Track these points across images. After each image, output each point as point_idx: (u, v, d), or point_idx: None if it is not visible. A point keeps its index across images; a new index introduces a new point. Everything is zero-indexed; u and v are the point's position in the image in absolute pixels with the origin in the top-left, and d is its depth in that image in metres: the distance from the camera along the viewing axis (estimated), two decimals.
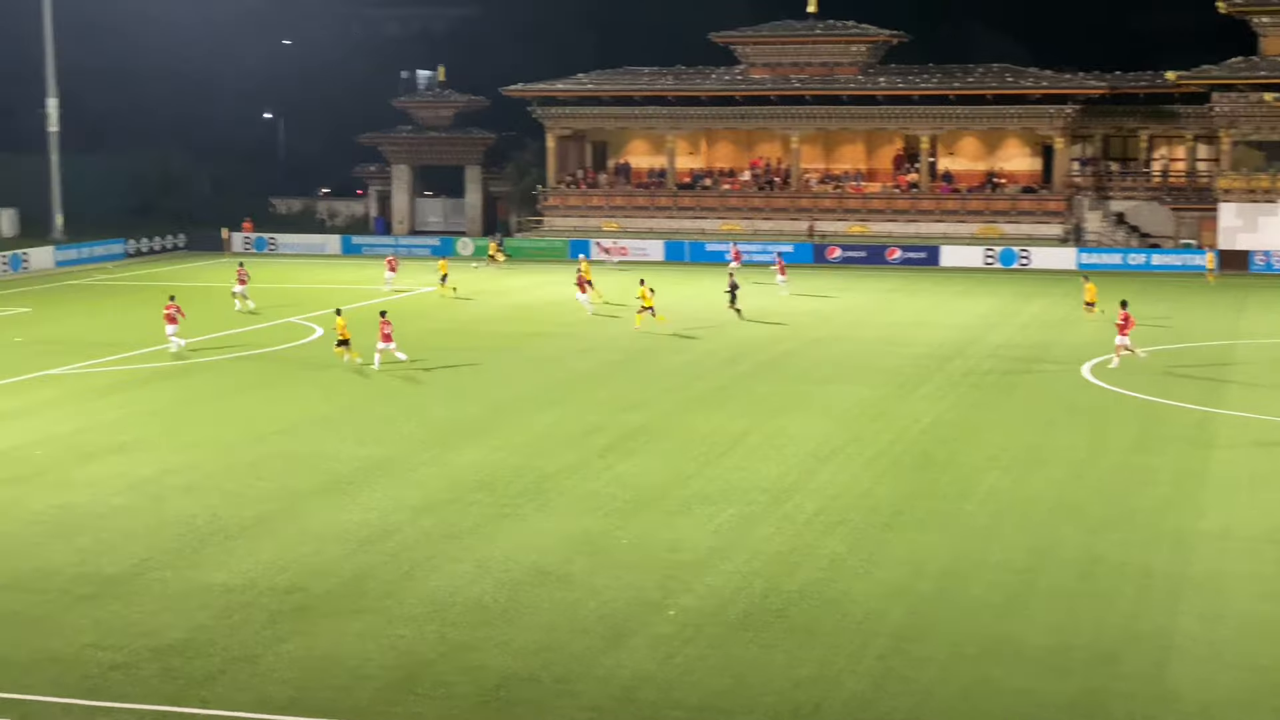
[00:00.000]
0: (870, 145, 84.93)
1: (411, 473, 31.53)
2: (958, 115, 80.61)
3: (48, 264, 75.85)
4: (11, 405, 39.03)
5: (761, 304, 59.89)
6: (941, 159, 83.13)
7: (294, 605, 23.10)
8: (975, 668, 20.52)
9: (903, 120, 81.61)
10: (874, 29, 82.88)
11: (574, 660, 20.89)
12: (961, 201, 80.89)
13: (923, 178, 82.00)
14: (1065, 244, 77.66)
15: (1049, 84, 78.86)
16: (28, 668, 20.60)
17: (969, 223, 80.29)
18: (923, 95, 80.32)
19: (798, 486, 30.31)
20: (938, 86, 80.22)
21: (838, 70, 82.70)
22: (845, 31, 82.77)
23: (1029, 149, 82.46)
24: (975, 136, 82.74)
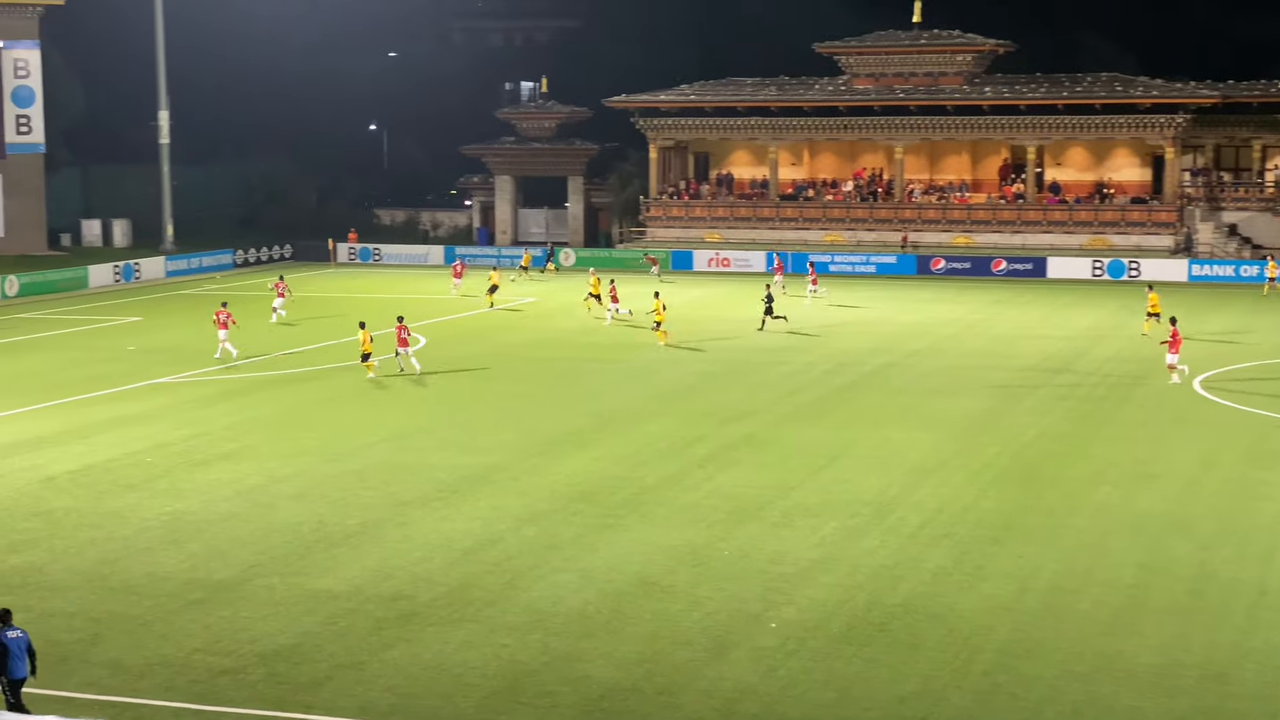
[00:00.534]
0: (975, 156, 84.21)
1: (514, 482, 31.66)
2: (1065, 125, 79.71)
3: (158, 274, 77.08)
4: (124, 412, 39.67)
5: (861, 316, 59.57)
6: (1049, 169, 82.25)
7: (399, 613, 23.27)
8: (1084, 685, 20.24)
9: (1009, 130, 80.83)
10: (980, 38, 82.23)
11: (676, 672, 20.86)
12: (1069, 212, 79.95)
13: (1029, 188, 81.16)
14: (1176, 255, 76.53)
15: (1159, 93, 77.76)
16: (140, 672, 20.92)
17: (1077, 234, 79.37)
18: (1029, 105, 79.51)
19: (901, 499, 30.09)
20: (1045, 96, 79.37)
21: (942, 80, 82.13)
22: (950, 41, 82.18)
23: (1139, 159, 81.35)
24: (1083, 146, 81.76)
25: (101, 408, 40.41)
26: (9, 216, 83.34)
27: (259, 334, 53.29)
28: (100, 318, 60.95)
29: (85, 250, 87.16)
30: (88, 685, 20.41)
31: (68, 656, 21.49)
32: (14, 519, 28.90)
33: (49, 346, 52.79)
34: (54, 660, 21.28)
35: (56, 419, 38.84)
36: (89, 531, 27.99)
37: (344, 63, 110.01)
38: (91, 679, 20.67)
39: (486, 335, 52.10)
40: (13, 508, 29.75)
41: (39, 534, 27.84)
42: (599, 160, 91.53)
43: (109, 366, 47.25)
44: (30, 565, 25.87)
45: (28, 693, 19.38)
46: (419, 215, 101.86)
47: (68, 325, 58.56)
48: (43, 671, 20.78)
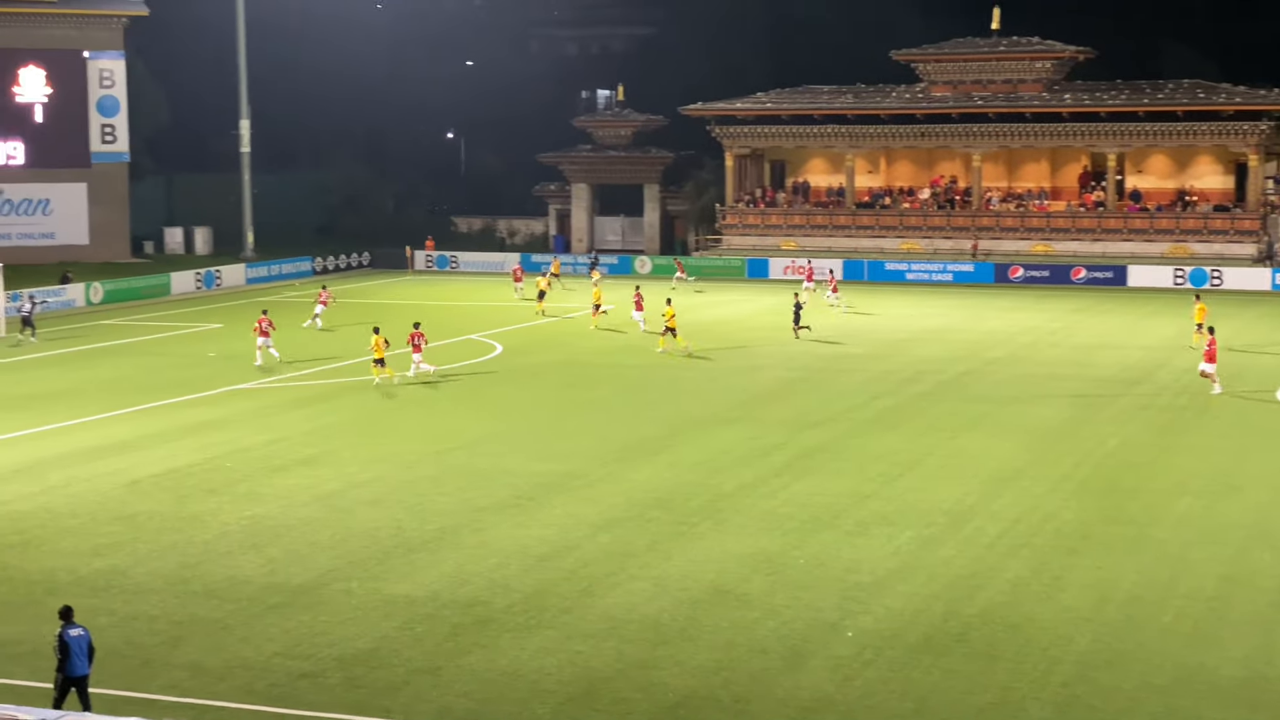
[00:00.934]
0: (1054, 163, 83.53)
1: (589, 489, 31.74)
2: (1146, 132, 78.90)
3: (239, 281, 77.91)
4: (205, 418, 40.13)
5: (938, 324, 59.27)
6: (1129, 177, 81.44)
7: (475, 619, 23.39)
8: (1164, 698, 20.04)
9: (1089, 138, 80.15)
10: (1059, 45, 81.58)
11: (752, 680, 20.84)
12: (1150, 220, 79.13)
13: (1109, 196, 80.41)
14: (1259, 264, 75.58)
15: (1242, 100, 76.83)
16: (221, 674, 21.15)
17: (1158, 242, 78.52)
18: (1110, 112, 78.79)
19: (979, 509, 29.90)
20: (1125, 103, 78.63)
21: (1021, 87, 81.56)
22: (1029, 48, 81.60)
23: (1221, 166, 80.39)
24: (1164, 154, 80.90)
25: (183, 413, 40.90)
26: (94, 225, 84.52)
27: (336, 340, 53.72)
28: (182, 324, 61.68)
29: (168, 258, 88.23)
30: (169, 688, 20.66)
31: (150, 659, 21.77)
32: (98, 522, 29.31)
33: (132, 353, 53.48)
34: (136, 663, 21.58)
35: (140, 424, 39.36)
36: (171, 535, 28.33)
37: (422, 71, 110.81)
38: (173, 681, 20.92)
39: (561, 343, 52.22)
40: (97, 511, 30.17)
41: (123, 537, 28.22)
42: (675, 168, 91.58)
43: (190, 372, 47.81)
44: (114, 568, 26.22)
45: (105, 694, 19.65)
46: (496, 223, 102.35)
47: (150, 332, 59.29)
48: (125, 673, 21.11)
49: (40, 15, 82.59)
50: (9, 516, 29.84)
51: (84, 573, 25.99)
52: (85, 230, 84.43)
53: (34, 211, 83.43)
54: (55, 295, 67.31)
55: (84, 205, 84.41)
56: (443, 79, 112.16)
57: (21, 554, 27.22)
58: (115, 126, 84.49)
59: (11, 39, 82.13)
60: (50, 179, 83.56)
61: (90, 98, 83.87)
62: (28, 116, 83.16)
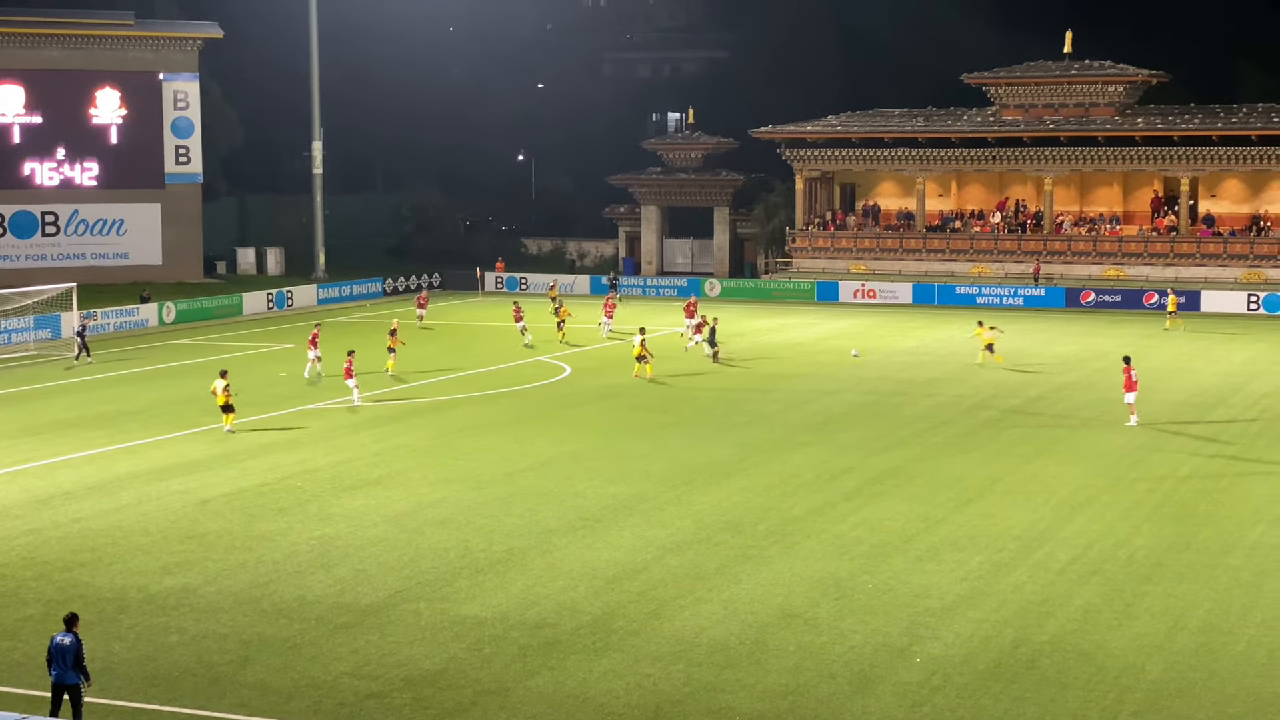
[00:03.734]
0: (1127, 187, 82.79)
1: (658, 512, 31.68)
2: (1220, 156, 78.13)
3: (310, 301, 78.48)
4: (276, 438, 40.41)
5: (1012, 348, 58.84)
6: (1202, 201, 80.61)
7: (543, 640, 23.37)
8: None
9: (1162, 162, 79.42)
10: (1132, 69, 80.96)
11: (820, 705, 20.70)
12: (1223, 245, 78.29)
13: (1182, 220, 79.60)
14: None
15: None
16: (289, 694, 21.24)
17: (1232, 267, 77.68)
18: (1183, 136, 78.04)
19: (1049, 535, 29.62)
20: (1199, 127, 77.86)
21: (1093, 111, 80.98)
22: (1102, 71, 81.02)
23: None
24: (1239, 178, 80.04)
25: (253, 433, 41.18)
26: (167, 245, 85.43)
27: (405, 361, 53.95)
28: (254, 344, 62.18)
29: (240, 278, 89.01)
30: (238, 706, 20.76)
31: (219, 678, 21.88)
32: (169, 541, 29.55)
33: (204, 372, 53.90)
34: (206, 681, 21.70)
35: (210, 443, 39.68)
36: (240, 554, 28.51)
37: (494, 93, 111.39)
38: (242, 700, 21.02)
39: (630, 365, 52.18)
40: (168, 530, 30.42)
41: (193, 556, 28.43)
42: (745, 191, 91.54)
43: (261, 392, 48.15)
44: (184, 587, 26.41)
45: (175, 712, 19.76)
46: (566, 244, 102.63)
47: (222, 351, 59.79)
48: (195, 692, 21.25)
49: (117, 38, 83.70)
50: (82, 534, 30.14)
51: (154, 591, 26.19)
52: (159, 250, 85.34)
53: (109, 232, 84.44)
54: (129, 315, 68.07)
55: (158, 226, 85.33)
56: (515, 101, 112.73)
57: (93, 571, 27.48)
58: (189, 148, 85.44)
59: (88, 61, 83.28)
60: (125, 199, 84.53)
61: (165, 119, 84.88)
62: (103, 138, 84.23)
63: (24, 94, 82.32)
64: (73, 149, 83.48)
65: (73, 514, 31.82)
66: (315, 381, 48.90)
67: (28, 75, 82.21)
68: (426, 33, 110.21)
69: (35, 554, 28.66)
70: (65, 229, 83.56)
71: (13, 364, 56.37)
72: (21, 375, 53.33)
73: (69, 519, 31.40)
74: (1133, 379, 41.83)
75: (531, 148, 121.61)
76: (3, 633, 24.02)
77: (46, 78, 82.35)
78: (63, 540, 29.67)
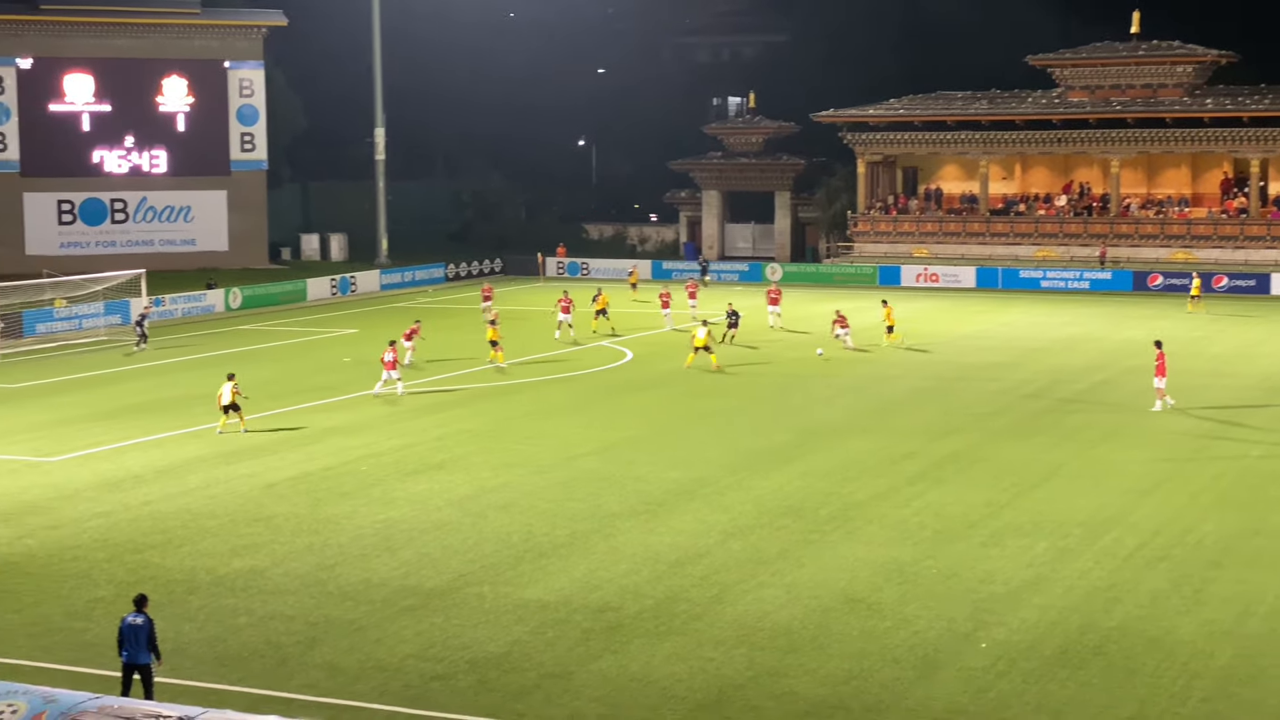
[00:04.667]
0: (1195, 169, 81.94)
1: (720, 496, 31.69)
2: None
3: (373, 287, 78.89)
4: (340, 422, 40.69)
5: (1077, 332, 58.45)
6: (1273, 183, 79.66)
7: (606, 624, 23.45)
8: None
9: (1231, 143, 78.53)
10: (1200, 49, 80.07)
11: (884, 690, 20.67)
12: None
13: (1252, 203, 78.72)
14: None
15: None
16: (356, 675, 21.42)
17: None
18: (1253, 117, 77.13)
19: (1116, 520, 29.41)
20: (1270, 108, 76.89)
21: (1161, 92, 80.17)
22: (1170, 52, 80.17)
23: None
24: None
25: (319, 417, 41.50)
26: (233, 232, 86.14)
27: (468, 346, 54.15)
28: (318, 330, 62.62)
29: (304, 264, 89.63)
30: (306, 687, 20.96)
31: (287, 659, 22.10)
32: (237, 524, 29.84)
33: (269, 358, 54.40)
34: (274, 663, 21.92)
35: (276, 428, 39.98)
36: (307, 537, 28.76)
37: (555, 79, 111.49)
38: (309, 681, 21.22)
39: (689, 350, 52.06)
40: (236, 513, 30.73)
41: (260, 538, 28.70)
42: (806, 175, 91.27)
43: (326, 377, 48.51)
44: (252, 569, 26.67)
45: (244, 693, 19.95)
46: (626, 230, 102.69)
47: (287, 337, 60.27)
48: (263, 673, 21.46)
49: (183, 26, 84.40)
50: (152, 516, 30.49)
51: (223, 573, 26.47)
52: (225, 237, 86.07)
53: (176, 219, 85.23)
54: (196, 301, 68.69)
55: (224, 212, 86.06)
56: (575, 87, 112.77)
57: (163, 553, 27.80)
58: (254, 135, 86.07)
59: (156, 49, 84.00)
60: (192, 187, 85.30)
61: (230, 107, 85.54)
62: (170, 125, 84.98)
63: (93, 83, 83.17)
64: (141, 137, 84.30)
65: (143, 497, 32.20)
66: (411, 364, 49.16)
67: (96, 64, 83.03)
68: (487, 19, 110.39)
69: (106, 536, 29.03)
70: (134, 216, 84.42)
71: (83, 349, 57.03)
72: (92, 360, 53.95)
73: (139, 502, 31.77)
74: (1163, 364, 41.18)
75: (592, 133, 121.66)
76: (75, 613, 24.36)
77: (115, 66, 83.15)
78: (133, 523, 30.03)
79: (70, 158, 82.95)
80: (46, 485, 33.46)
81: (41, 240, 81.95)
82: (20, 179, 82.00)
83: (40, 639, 23.14)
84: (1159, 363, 41.22)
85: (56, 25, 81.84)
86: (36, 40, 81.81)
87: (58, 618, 24.16)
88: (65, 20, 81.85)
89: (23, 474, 34.69)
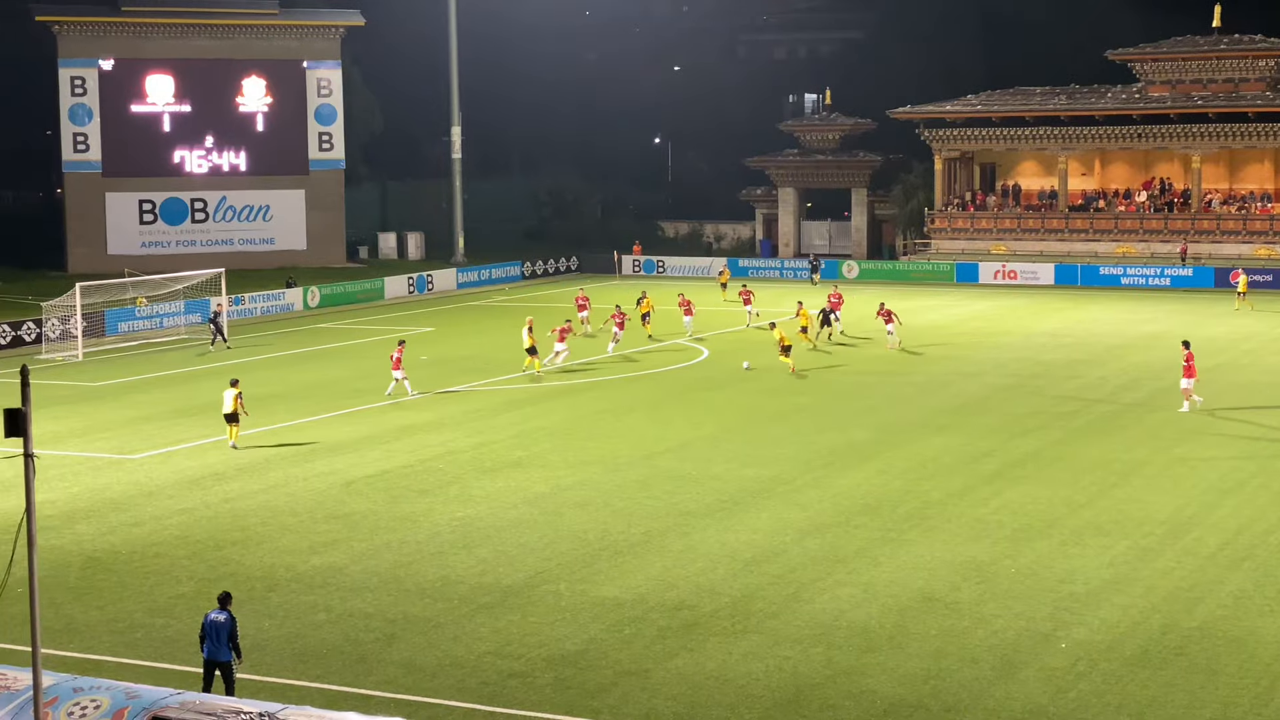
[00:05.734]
0: (1278, 164, 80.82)
1: (796, 495, 31.61)
2: None
3: (450, 285, 79.27)
4: (417, 420, 40.92)
5: (1158, 329, 57.79)
6: None
7: (682, 622, 23.45)
8: None
9: None
10: None
11: (963, 689, 20.54)
12: None
13: None
14: None
15: None
16: (433, 672, 21.54)
17: None
18: None
19: (1198, 519, 29.07)
20: None
21: (1243, 87, 79.11)
22: (1252, 46, 79.10)
23: None
24: None
25: (396, 415, 41.75)
26: (311, 230, 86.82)
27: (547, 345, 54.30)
28: (395, 328, 62.95)
29: (381, 263, 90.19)
30: (384, 684, 21.10)
31: (365, 656, 22.26)
32: (316, 521, 30.08)
33: (348, 356, 54.80)
34: (353, 659, 22.09)
35: (355, 425, 40.30)
36: (385, 535, 28.95)
37: (630, 77, 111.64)
38: (388, 677, 21.36)
39: (768, 348, 52.04)
40: (315, 510, 30.98)
41: (339, 536, 28.92)
42: (883, 172, 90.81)
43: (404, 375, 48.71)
44: (331, 566, 26.88)
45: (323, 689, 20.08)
46: (702, 227, 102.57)
47: (365, 335, 60.68)
48: (342, 669, 21.63)
49: (262, 27, 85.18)
50: (232, 514, 30.80)
51: (302, 570, 26.69)
52: (303, 236, 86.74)
53: (255, 218, 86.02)
54: (275, 299, 69.33)
55: (302, 211, 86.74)
56: (650, 84, 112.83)
57: (243, 550, 28.07)
58: (332, 134, 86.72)
59: (235, 50, 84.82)
60: (270, 186, 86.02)
61: (309, 106, 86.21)
62: (250, 125, 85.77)
63: (174, 83, 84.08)
64: (221, 137, 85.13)
65: (223, 494, 32.53)
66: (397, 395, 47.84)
67: (177, 65, 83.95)
68: (562, 17, 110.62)
69: (188, 533, 29.36)
70: (214, 215, 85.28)
71: (164, 348, 57.70)
72: (173, 359, 54.56)
73: (219, 499, 32.10)
74: (1192, 365, 40.39)
75: (667, 130, 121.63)
76: (157, 609, 24.65)
77: (195, 67, 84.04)
78: (214, 520, 30.35)
79: (151, 158, 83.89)
80: (129, 482, 33.89)
81: (123, 240, 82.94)
82: (102, 179, 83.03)
83: (123, 635, 23.44)
84: (1187, 363, 40.47)
85: (137, 27, 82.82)
86: (118, 42, 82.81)
87: (140, 614, 24.46)
88: (146, 22, 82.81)
89: (105, 471, 35.15)
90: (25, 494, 15.40)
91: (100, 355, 55.56)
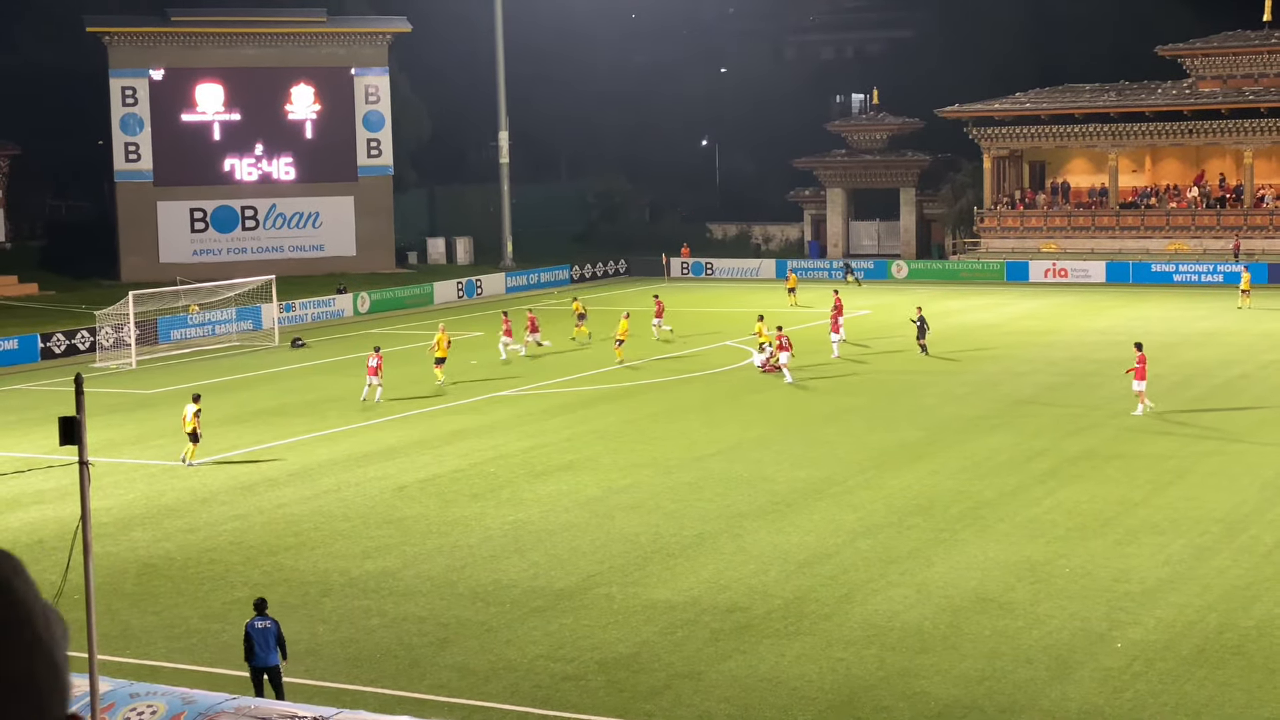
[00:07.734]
0: None
1: (848, 495, 31.51)
2: None
3: (499, 289, 79.50)
4: (469, 424, 41.04)
5: (1213, 326, 57.33)
6: None
7: (735, 624, 23.40)
8: None
9: None
10: None
11: (1018, 690, 20.41)
12: None
13: None
14: None
15: None
16: (486, 676, 21.58)
17: None
18: None
19: (1255, 517, 28.81)
20: None
21: None
22: None
23: None
24: None
25: (447, 420, 41.89)
26: (360, 236, 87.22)
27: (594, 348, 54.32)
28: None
29: (430, 268, 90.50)
30: (438, 688, 21.15)
31: (419, 659, 22.32)
32: (369, 526, 30.20)
33: (398, 361, 54.89)
34: (406, 663, 22.15)
35: (406, 430, 40.44)
36: (437, 539, 29.02)
37: (677, 79, 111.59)
38: (441, 681, 21.41)
39: (816, 349, 52.01)
40: (368, 515, 31.10)
41: (391, 540, 29.02)
42: (931, 171, 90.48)
43: (453, 379, 48.89)
44: (384, 570, 26.98)
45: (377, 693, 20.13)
46: (750, 229, 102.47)
47: (415, 340, 60.83)
48: (396, 674, 21.69)
49: (311, 35, 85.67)
50: (285, 519, 30.96)
51: (355, 574, 26.80)
52: (353, 242, 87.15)
53: (304, 225, 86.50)
54: (326, 305, 69.70)
55: (351, 218, 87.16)
56: (697, 86, 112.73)
57: (297, 555, 28.21)
58: (380, 141, 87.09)
59: (284, 58, 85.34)
60: (320, 193, 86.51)
61: (357, 113, 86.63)
62: (298, 132, 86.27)
63: (223, 92, 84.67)
64: (270, 144, 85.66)
65: (276, 499, 32.71)
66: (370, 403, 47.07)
67: (226, 74, 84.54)
68: (609, 20, 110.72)
69: (242, 538, 29.53)
70: (264, 223, 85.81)
71: (216, 355, 58.09)
72: (225, 365, 54.93)
73: (273, 504, 32.27)
74: (1144, 367, 39.41)
75: (714, 132, 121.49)
76: (212, 615, 24.79)
77: (244, 76, 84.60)
78: (267, 525, 30.52)
79: (202, 166, 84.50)
80: (183, 489, 34.12)
81: (175, 248, 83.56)
82: (154, 188, 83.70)
83: (178, 640, 23.59)
84: (1139, 365, 39.45)
85: (187, 37, 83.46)
86: (168, 52, 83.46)
87: (195, 619, 24.61)
88: (195, 32, 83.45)
89: (159, 478, 35.40)
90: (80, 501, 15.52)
91: (153, 363, 55.99)
